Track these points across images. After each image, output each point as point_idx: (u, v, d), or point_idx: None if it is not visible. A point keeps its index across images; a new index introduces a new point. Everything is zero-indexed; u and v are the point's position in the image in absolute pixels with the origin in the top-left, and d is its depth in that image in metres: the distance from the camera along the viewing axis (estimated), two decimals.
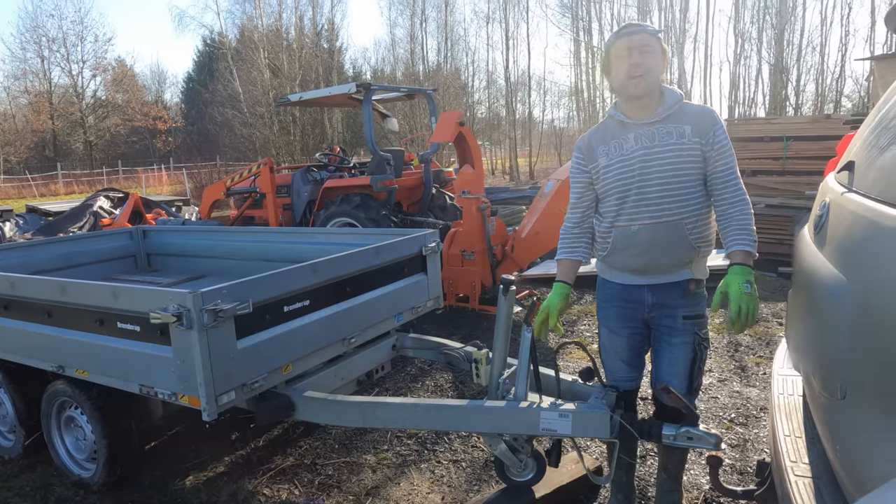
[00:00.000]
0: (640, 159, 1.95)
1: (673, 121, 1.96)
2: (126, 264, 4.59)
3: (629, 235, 1.99)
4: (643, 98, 1.96)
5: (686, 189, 1.94)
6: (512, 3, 26.12)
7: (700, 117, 1.96)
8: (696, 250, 1.98)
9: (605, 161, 2.01)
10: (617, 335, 2.17)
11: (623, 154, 1.98)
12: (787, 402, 1.97)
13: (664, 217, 1.94)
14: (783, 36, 21.39)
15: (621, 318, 2.14)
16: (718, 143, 1.93)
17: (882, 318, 1.19)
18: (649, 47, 1.91)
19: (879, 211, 1.29)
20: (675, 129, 1.95)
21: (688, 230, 1.95)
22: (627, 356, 2.18)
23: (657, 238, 1.95)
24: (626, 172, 1.97)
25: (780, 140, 7.69)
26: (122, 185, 25.71)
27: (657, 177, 1.93)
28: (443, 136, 5.43)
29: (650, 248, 1.97)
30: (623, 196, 1.98)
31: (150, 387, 2.26)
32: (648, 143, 1.95)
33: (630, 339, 2.15)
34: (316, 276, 2.53)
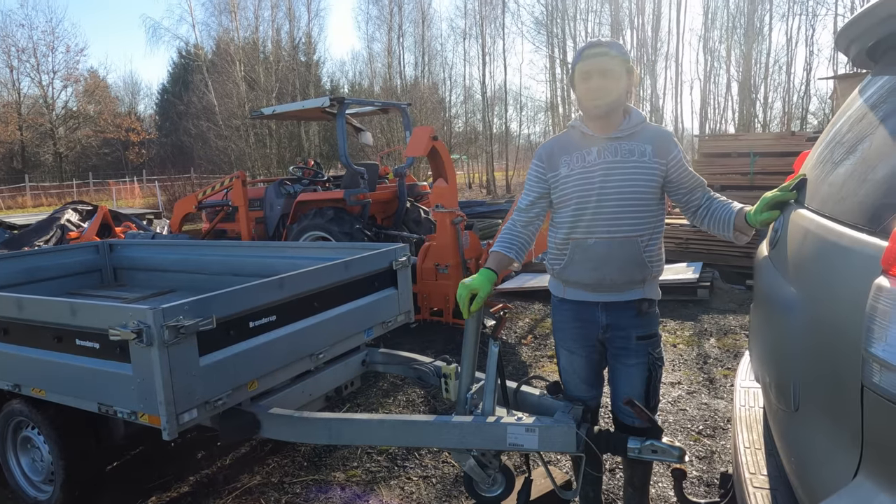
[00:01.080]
0: (601, 173, 1.97)
1: (635, 139, 1.99)
2: (92, 279, 4.49)
3: (585, 248, 2.00)
4: (604, 118, 1.99)
5: (643, 206, 1.97)
6: (488, 19, 26.49)
7: (660, 139, 2.00)
8: (649, 268, 2.01)
9: (567, 171, 2.03)
10: (575, 355, 2.17)
11: (585, 166, 2.00)
12: (748, 414, 2.00)
13: (620, 232, 1.96)
14: (751, 55, 22.02)
15: (578, 338, 2.14)
16: (679, 162, 2.00)
17: (829, 333, 1.22)
18: (610, 72, 1.93)
19: (827, 227, 1.33)
20: (637, 148, 1.98)
21: (642, 247, 1.98)
22: (586, 375, 2.19)
23: (612, 253, 1.97)
24: (586, 184, 1.99)
25: (748, 156, 7.90)
26: (93, 197, 25.20)
27: (616, 191, 1.95)
28: (416, 150, 5.45)
29: (605, 263, 1.99)
30: (582, 207, 1.99)
31: (110, 405, 2.20)
32: (611, 158, 1.98)
33: (588, 358, 2.16)
34: (283, 290, 2.50)
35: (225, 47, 26.55)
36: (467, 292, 2.01)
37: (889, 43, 1.64)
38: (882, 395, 1.01)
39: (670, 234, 7.28)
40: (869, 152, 1.37)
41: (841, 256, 1.22)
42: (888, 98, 1.48)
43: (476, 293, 2.02)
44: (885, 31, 1.59)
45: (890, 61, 1.62)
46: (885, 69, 1.67)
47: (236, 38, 26.80)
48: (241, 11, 27.30)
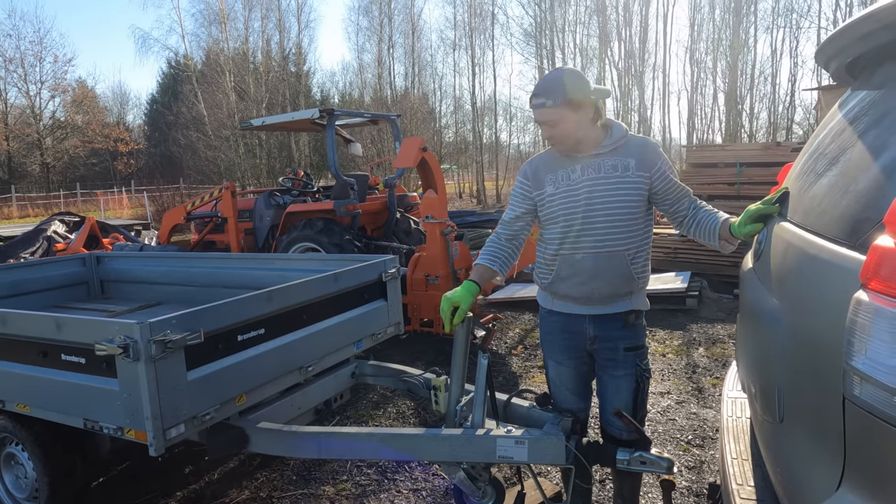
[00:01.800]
0: (586, 190, 1.99)
1: (618, 154, 2.01)
2: (78, 291, 4.45)
3: (573, 263, 2.03)
4: (576, 146, 2.02)
5: (629, 221, 1.99)
6: (478, 30, 26.69)
7: (644, 151, 2.01)
8: (636, 281, 2.04)
9: (552, 189, 2.05)
10: (563, 366, 2.20)
11: (570, 184, 2.02)
12: (735, 424, 2.02)
13: (607, 247, 1.99)
14: (737, 66, 22.33)
15: (565, 349, 2.17)
16: (662, 174, 2.01)
17: (811, 346, 1.23)
18: (555, 120, 1.95)
19: (808, 240, 1.35)
20: (620, 163, 1.99)
21: (629, 260, 2.00)
22: (574, 386, 2.21)
23: (600, 267, 2.00)
24: (572, 202, 2.01)
25: (734, 166, 7.99)
26: (80, 208, 24.99)
27: (602, 208, 1.98)
28: (406, 161, 5.46)
29: (593, 277, 2.01)
30: (568, 224, 2.01)
31: (95, 421, 2.18)
32: (594, 175, 2.00)
33: (576, 369, 2.18)
34: (271, 303, 2.49)
35: (215, 58, 26.53)
36: (449, 305, 2.03)
37: (867, 59, 1.68)
38: (862, 408, 1.02)
39: (659, 244, 7.33)
40: (848, 166, 1.39)
41: (821, 270, 1.24)
42: (867, 112, 1.51)
43: (458, 306, 2.03)
44: (864, 48, 1.62)
45: (868, 77, 1.66)
46: (864, 84, 1.71)
47: (226, 49, 26.80)
48: (231, 22, 27.34)
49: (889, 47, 1.47)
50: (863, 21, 1.47)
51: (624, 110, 23.55)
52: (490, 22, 26.35)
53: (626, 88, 23.25)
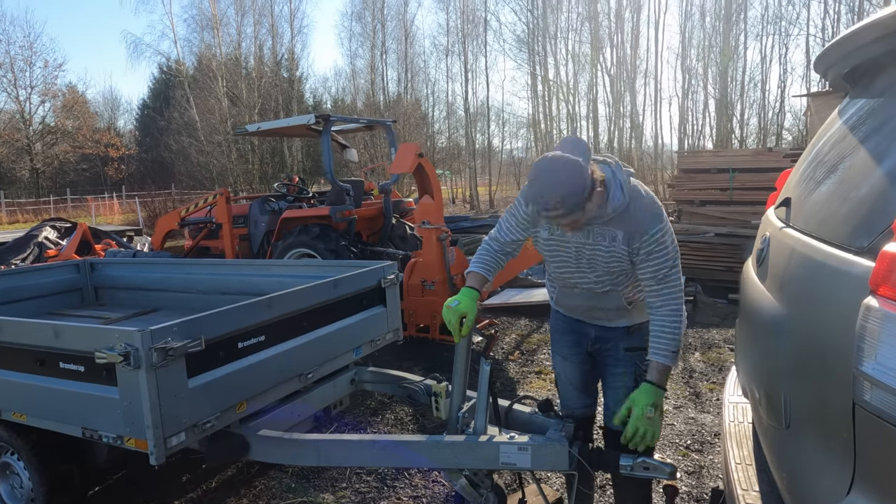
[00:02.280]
0: (575, 249, 2.04)
1: (609, 224, 1.93)
2: (72, 298, 4.41)
3: (572, 295, 2.18)
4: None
5: (619, 273, 2.03)
6: (470, 37, 26.80)
7: (636, 225, 1.91)
8: (631, 310, 2.13)
9: (546, 234, 2.09)
10: (568, 361, 2.29)
11: (562, 238, 2.05)
12: (737, 429, 2.02)
13: (600, 288, 2.08)
14: (727, 72, 22.54)
15: (570, 344, 2.27)
16: (647, 251, 1.92)
17: (819, 351, 1.24)
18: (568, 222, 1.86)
19: (813, 246, 1.37)
20: (609, 234, 1.94)
21: (623, 295, 2.09)
22: (578, 382, 2.29)
23: (596, 300, 2.12)
24: (563, 254, 2.08)
25: (727, 171, 8.05)
26: (71, 213, 24.78)
27: (590, 265, 2.04)
28: (402, 167, 5.46)
29: (591, 306, 2.16)
30: (563, 268, 2.12)
31: (94, 430, 2.16)
32: (584, 240, 2.00)
33: (580, 365, 2.27)
34: (272, 310, 2.48)
35: (207, 63, 26.48)
36: (456, 317, 2.03)
37: (866, 67, 1.70)
38: (873, 413, 1.03)
39: None
40: (852, 173, 1.41)
41: (829, 276, 1.25)
42: (868, 120, 1.53)
43: (465, 315, 2.05)
44: (863, 57, 1.64)
45: (867, 85, 1.68)
46: (862, 92, 1.73)
47: (219, 54, 26.76)
48: (224, 28, 27.33)
49: (889, 56, 1.49)
50: (863, 30, 1.49)
51: (616, 116, 23.70)
52: (483, 28, 26.50)
53: (617, 94, 23.40)
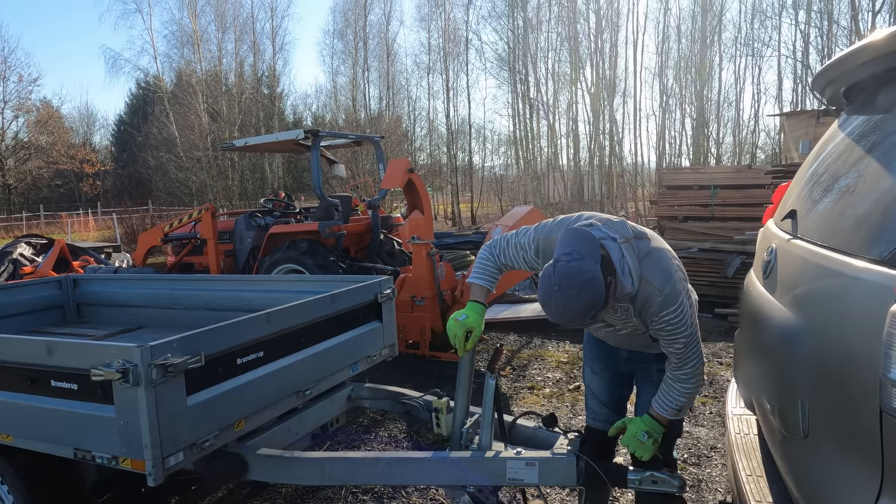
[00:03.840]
0: None
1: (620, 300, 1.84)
2: (53, 316, 4.28)
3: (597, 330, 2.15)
4: None
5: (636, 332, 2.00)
6: (452, 55, 27.06)
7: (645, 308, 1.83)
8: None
9: None
10: (597, 376, 2.26)
11: None
12: (744, 441, 2.03)
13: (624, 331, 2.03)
14: (703, 92, 23.09)
15: (602, 360, 2.24)
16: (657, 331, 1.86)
17: (840, 360, 1.25)
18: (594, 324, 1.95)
19: (827, 257, 1.38)
20: (621, 306, 1.88)
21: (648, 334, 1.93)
22: (606, 398, 2.25)
23: (622, 339, 2.11)
24: None
25: (709, 188, 8.20)
26: (44, 230, 24.19)
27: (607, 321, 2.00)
28: (393, 182, 5.46)
29: (618, 341, 2.14)
30: None
31: (87, 451, 2.07)
32: None
33: (610, 381, 2.23)
34: (271, 325, 2.43)
35: (187, 79, 26.30)
36: (462, 331, 2.00)
37: (862, 86, 1.75)
38: None
39: None
40: (863, 184, 1.43)
41: (848, 285, 1.26)
42: (872, 134, 1.57)
43: (472, 330, 2.02)
44: (860, 76, 1.70)
45: (866, 101, 1.73)
46: (860, 108, 1.78)
47: (199, 70, 26.61)
48: (205, 44, 27.24)
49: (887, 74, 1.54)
50: (859, 51, 1.54)
51: (595, 133, 24.06)
52: (464, 47, 26.79)
53: (597, 113, 23.78)
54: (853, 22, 17.41)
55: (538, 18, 25.15)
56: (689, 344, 1.84)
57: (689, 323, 1.81)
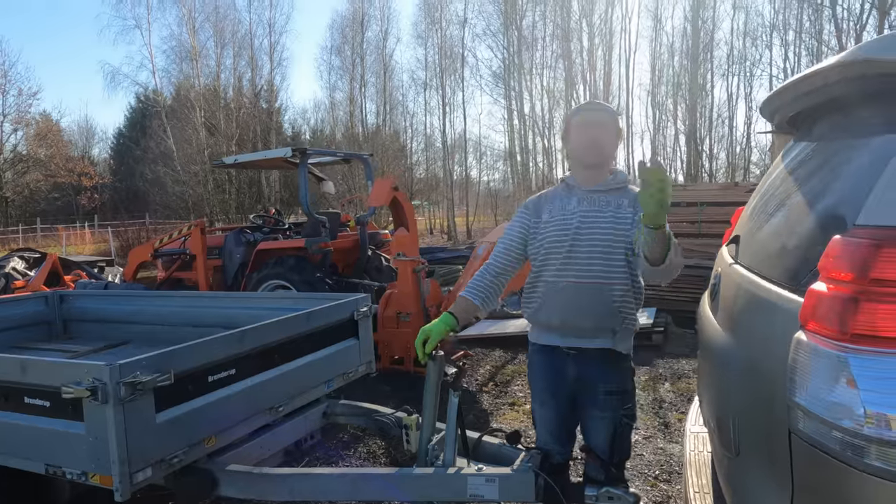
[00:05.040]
0: (578, 219, 2.05)
1: (614, 194, 2.07)
2: (40, 331, 4.33)
3: (556, 291, 2.05)
4: (595, 168, 2.11)
5: (613, 256, 2.00)
6: (448, 71, 27.35)
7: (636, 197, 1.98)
8: (620, 318, 2.01)
9: (547, 217, 2.12)
10: (545, 406, 2.19)
11: (564, 213, 2.09)
12: (697, 458, 2.09)
13: (589, 278, 2.00)
14: (696, 109, 23.33)
15: (547, 388, 2.16)
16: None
17: (762, 382, 1.32)
18: (606, 125, 2.10)
19: (756, 283, 1.46)
20: (615, 200, 2.05)
21: (612, 295, 1.99)
22: (554, 428, 2.19)
23: (581, 298, 2.00)
24: (563, 229, 2.06)
25: (696, 205, 8.30)
26: (40, 243, 24.25)
27: (588, 238, 2.01)
28: (378, 200, 5.55)
29: (574, 306, 2.02)
30: (555, 251, 2.05)
31: (58, 466, 2.12)
32: (588, 207, 2.07)
33: (557, 411, 2.16)
34: (243, 343, 2.49)
35: (185, 93, 26.51)
36: (422, 336, 2.07)
37: (807, 114, 1.83)
38: (806, 441, 1.10)
39: None
40: (789, 213, 1.51)
41: (768, 311, 1.33)
42: (805, 164, 1.65)
43: (429, 336, 2.06)
44: (806, 104, 1.77)
45: (808, 130, 1.81)
46: (804, 136, 1.85)
47: (197, 85, 26.83)
48: (203, 59, 27.48)
49: (825, 105, 1.62)
50: (803, 81, 1.62)
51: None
52: (460, 63, 27.09)
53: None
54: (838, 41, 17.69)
55: (533, 36, 25.49)
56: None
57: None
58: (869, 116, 1.34)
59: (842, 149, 1.45)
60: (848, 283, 1.04)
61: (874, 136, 1.29)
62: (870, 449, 0.98)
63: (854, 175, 1.30)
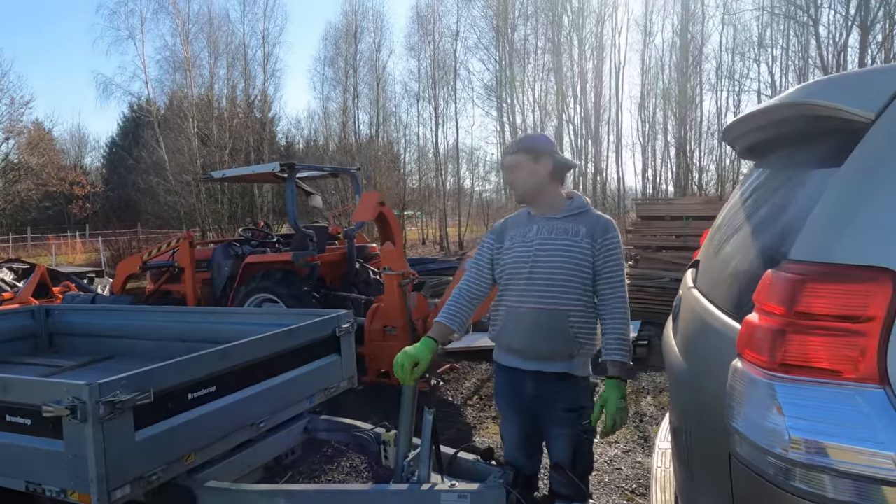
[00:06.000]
0: (536, 247, 2.15)
1: (571, 221, 2.16)
2: (25, 345, 4.35)
3: (516, 316, 2.15)
4: (529, 204, 2.24)
5: (571, 282, 2.09)
6: (441, 83, 27.51)
7: (596, 223, 2.14)
8: (578, 344, 2.10)
9: (509, 244, 2.23)
10: (509, 422, 2.29)
11: (524, 240, 2.19)
12: (662, 475, 2.15)
13: (549, 304, 2.09)
14: (685, 122, 23.58)
15: (510, 403, 2.26)
16: (605, 250, 2.11)
17: (709, 405, 1.39)
18: (514, 166, 2.20)
19: (706, 308, 1.53)
20: (571, 228, 2.15)
21: (570, 322, 2.08)
22: (519, 443, 2.28)
23: (540, 323, 2.09)
24: (522, 256, 2.16)
25: (681, 219, 8.42)
26: (30, 252, 24.16)
27: (546, 265, 2.11)
28: (364, 215, 5.61)
29: (533, 332, 2.11)
30: (515, 278, 2.16)
31: (38, 484, 2.16)
32: (546, 235, 2.16)
33: (521, 426, 2.25)
34: (224, 361, 2.54)
35: (178, 103, 26.55)
36: (410, 361, 2.13)
37: (763, 144, 1.91)
38: (744, 464, 1.17)
39: None
40: (738, 241, 1.59)
41: (714, 337, 1.40)
42: (754, 193, 1.73)
43: (418, 362, 2.13)
44: (759, 137, 1.85)
45: (763, 160, 1.89)
46: (760, 164, 1.94)
47: (190, 95, 26.88)
48: (197, 69, 27.54)
49: (776, 139, 1.70)
50: (754, 115, 1.70)
51: (581, 162, 24.42)
52: (453, 76, 27.27)
53: (582, 142, 24.23)
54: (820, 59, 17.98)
55: (525, 49, 25.73)
56: (621, 266, 2.15)
57: (621, 250, 2.17)
58: (808, 153, 1.42)
59: (788, 181, 1.53)
60: (777, 316, 1.11)
61: (813, 172, 1.37)
62: (795, 472, 1.05)
63: (796, 208, 1.38)
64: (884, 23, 17.35)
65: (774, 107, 1.48)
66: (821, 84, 1.29)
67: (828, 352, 1.05)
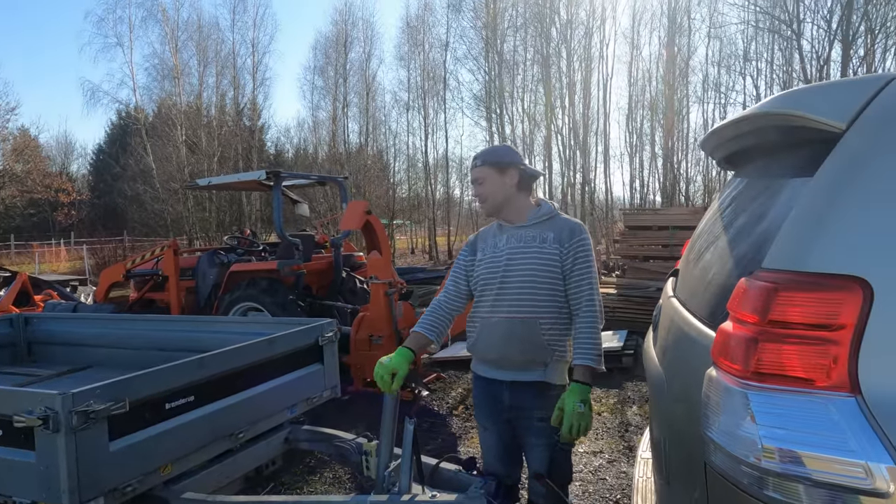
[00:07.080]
0: (506, 257, 2.17)
1: (539, 228, 2.18)
2: (4, 354, 4.27)
3: (489, 326, 2.16)
4: (500, 213, 2.25)
5: (542, 290, 2.10)
6: (430, 93, 27.62)
7: (564, 227, 2.15)
8: (550, 352, 2.09)
9: (480, 255, 2.25)
10: (488, 431, 2.28)
11: (495, 251, 2.21)
12: (644, 485, 2.14)
13: (520, 313, 2.10)
14: (672, 133, 23.82)
15: (488, 415, 2.25)
16: (574, 253, 2.11)
17: (685, 414, 1.38)
18: (482, 179, 2.21)
19: (684, 317, 1.53)
20: (539, 235, 2.17)
21: (542, 329, 2.08)
22: (497, 452, 2.26)
23: (513, 332, 2.10)
24: (493, 267, 2.18)
25: (667, 229, 8.48)
26: (14, 260, 23.83)
27: (517, 275, 2.12)
28: (351, 224, 5.59)
29: (506, 341, 2.11)
30: (488, 288, 2.17)
31: (8, 496, 2.11)
32: (515, 244, 2.18)
33: (499, 435, 2.24)
34: (203, 370, 2.50)
35: (167, 111, 26.42)
36: (388, 372, 2.12)
37: (740, 154, 1.92)
38: (719, 473, 1.16)
39: None
40: (714, 251, 1.59)
41: (691, 346, 1.40)
42: (733, 202, 1.74)
43: (396, 373, 2.12)
44: (735, 147, 1.87)
45: (741, 168, 1.90)
46: (738, 174, 1.95)
47: (179, 103, 26.76)
48: (185, 77, 27.45)
49: (751, 149, 1.71)
50: (729, 126, 1.71)
51: (568, 171, 24.59)
52: (442, 85, 27.38)
53: (570, 152, 24.38)
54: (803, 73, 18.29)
55: (514, 60, 25.91)
56: (592, 270, 2.13)
57: (592, 253, 2.15)
58: (784, 163, 1.43)
59: (764, 191, 1.54)
60: (750, 324, 1.11)
61: (788, 182, 1.38)
62: (769, 482, 1.05)
63: (771, 217, 1.39)
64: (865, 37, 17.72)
65: (750, 116, 1.49)
66: (794, 94, 1.31)
67: (801, 360, 1.05)
